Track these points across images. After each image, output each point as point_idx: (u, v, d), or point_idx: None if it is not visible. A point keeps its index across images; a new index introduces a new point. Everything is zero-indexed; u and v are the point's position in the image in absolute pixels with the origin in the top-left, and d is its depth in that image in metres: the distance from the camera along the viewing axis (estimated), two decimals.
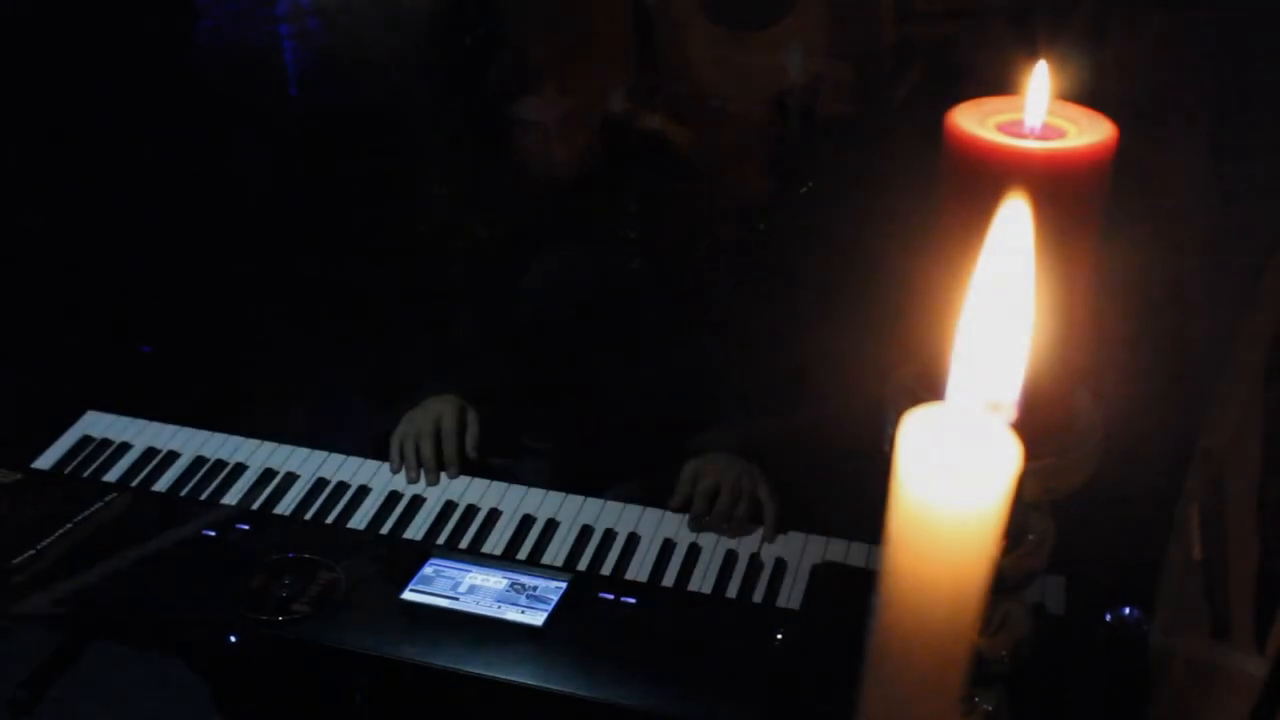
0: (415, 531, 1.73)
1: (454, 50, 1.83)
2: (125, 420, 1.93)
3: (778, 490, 1.76)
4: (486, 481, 1.82)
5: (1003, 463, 0.40)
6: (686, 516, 1.74)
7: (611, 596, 1.52)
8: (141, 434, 1.90)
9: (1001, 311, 0.42)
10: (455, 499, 1.79)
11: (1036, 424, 0.60)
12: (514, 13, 1.78)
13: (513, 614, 1.48)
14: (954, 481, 0.39)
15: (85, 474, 1.80)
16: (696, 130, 1.91)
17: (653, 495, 1.79)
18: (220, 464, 1.84)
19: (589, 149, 1.84)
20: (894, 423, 0.75)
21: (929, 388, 0.73)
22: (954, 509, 0.40)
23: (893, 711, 0.46)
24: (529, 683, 1.40)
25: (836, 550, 1.67)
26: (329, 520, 1.74)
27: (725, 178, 1.96)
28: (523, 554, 1.69)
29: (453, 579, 1.54)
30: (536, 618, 1.48)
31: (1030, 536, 0.81)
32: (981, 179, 0.70)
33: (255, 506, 1.75)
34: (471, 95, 1.87)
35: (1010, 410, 0.42)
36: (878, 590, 0.45)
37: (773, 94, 1.90)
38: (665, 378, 1.92)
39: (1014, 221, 0.43)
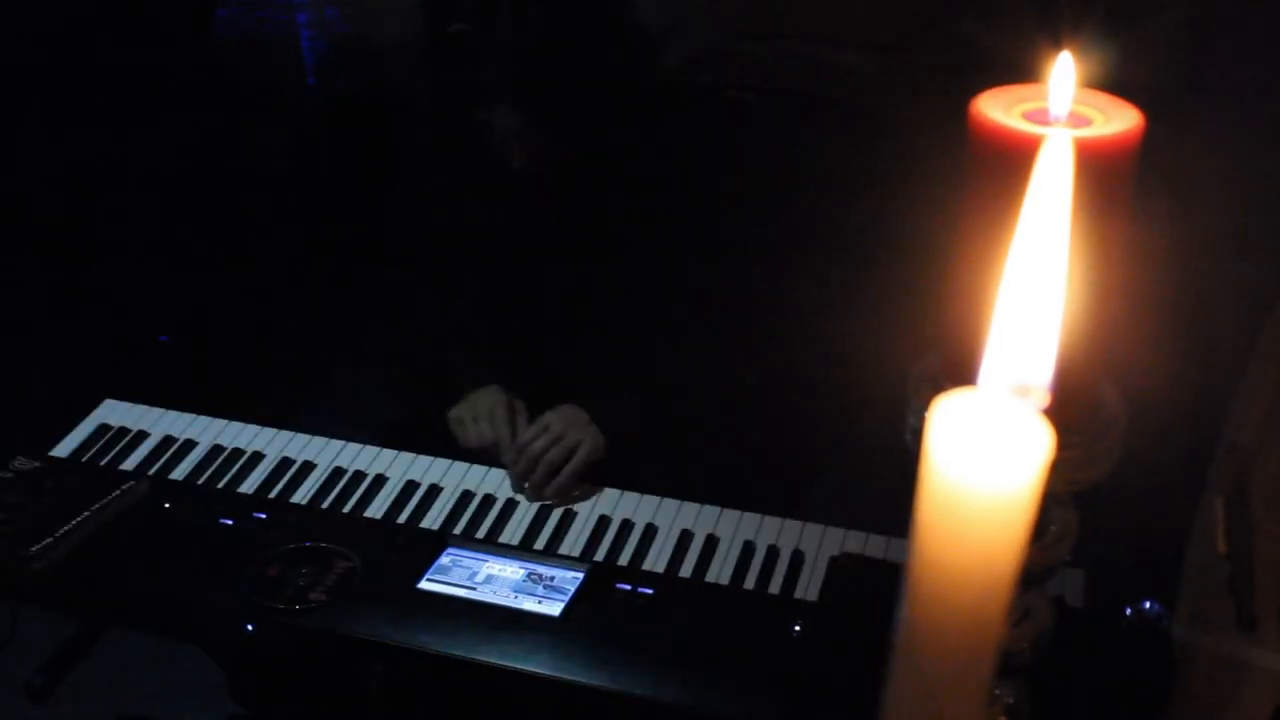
0: (432, 521, 1.73)
1: (432, 46, 1.81)
2: (143, 408, 1.93)
3: (600, 461, 1.79)
4: (503, 471, 1.82)
5: (1035, 447, 0.39)
6: (702, 508, 1.74)
7: (629, 587, 1.52)
8: (159, 422, 1.90)
9: (1034, 294, 0.42)
10: (472, 489, 1.79)
11: (1063, 414, 0.59)
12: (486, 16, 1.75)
13: (530, 604, 1.48)
14: (986, 467, 0.39)
15: (103, 462, 1.81)
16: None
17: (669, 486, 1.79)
18: (237, 452, 1.84)
19: (549, 158, 1.83)
20: (916, 413, 0.75)
21: (952, 377, 0.73)
22: (986, 495, 0.39)
23: (919, 701, 0.45)
24: (545, 673, 1.40)
25: (854, 542, 1.67)
26: (346, 509, 1.74)
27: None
28: (540, 544, 1.68)
29: (470, 569, 1.53)
30: (553, 608, 1.48)
31: (1053, 528, 0.81)
32: (1007, 167, 0.69)
33: (272, 495, 1.76)
34: (444, 93, 1.86)
35: (1042, 394, 0.41)
36: (905, 579, 0.44)
37: None
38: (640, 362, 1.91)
39: (1051, 183, 0.42)
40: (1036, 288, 0.41)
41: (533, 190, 1.88)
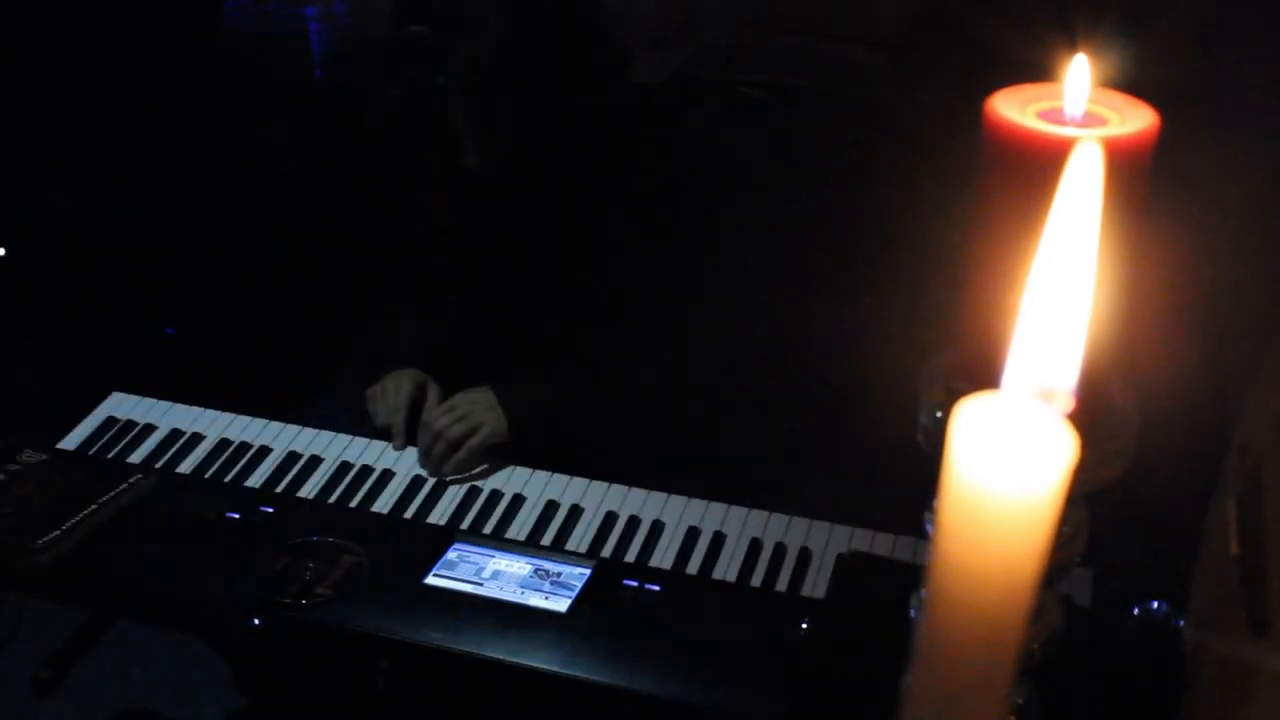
0: (439, 516, 1.73)
1: (393, 46, 1.81)
2: (150, 402, 1.93)
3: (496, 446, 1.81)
4: (510, 467, 1.82)
5: (1059, 452, 0.39)
6: (709, 505, 1.74)
7: (635, 584, 1.52)
8: (166, 416, 1.90)
9: (1060, 299, 0.41)
10: (479, 484, 1.78)
11: (1078, 414, 0.59)
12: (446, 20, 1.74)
13: (536, 600, 1.48)
14: (1010, 471, 0.38)
15: (110, 455, 1.81)
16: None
17: (676, 482, 1.78)
18: (245, 446, 1.84)
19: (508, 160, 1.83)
20: (927, 412, 0.74)
21: (963, 376, 0.72)
22: (1010, 500, 0.39)
23: (939, 707, 0.45)
24: (552, 669, 1.40)
25: (861, 540, 1.67)
26: (353, 504, 1.74)
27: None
28: (547, 540, 1.68)
29: (476, 564, 1.53)
30: (560, 604, 1.47)
31: (1064, 528, 0.80)
32: (1024, 168, 0.69)
33: (279, 489, 1.76)
34: (404, 93, 1.86)
35: (1066, 399, 0.41)
36: (926, 584, 0.44)
37: None
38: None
39: (1081, 189, 0.42)
40: (1063, 292, 0.41)
41: (495, 191, 1.88)
